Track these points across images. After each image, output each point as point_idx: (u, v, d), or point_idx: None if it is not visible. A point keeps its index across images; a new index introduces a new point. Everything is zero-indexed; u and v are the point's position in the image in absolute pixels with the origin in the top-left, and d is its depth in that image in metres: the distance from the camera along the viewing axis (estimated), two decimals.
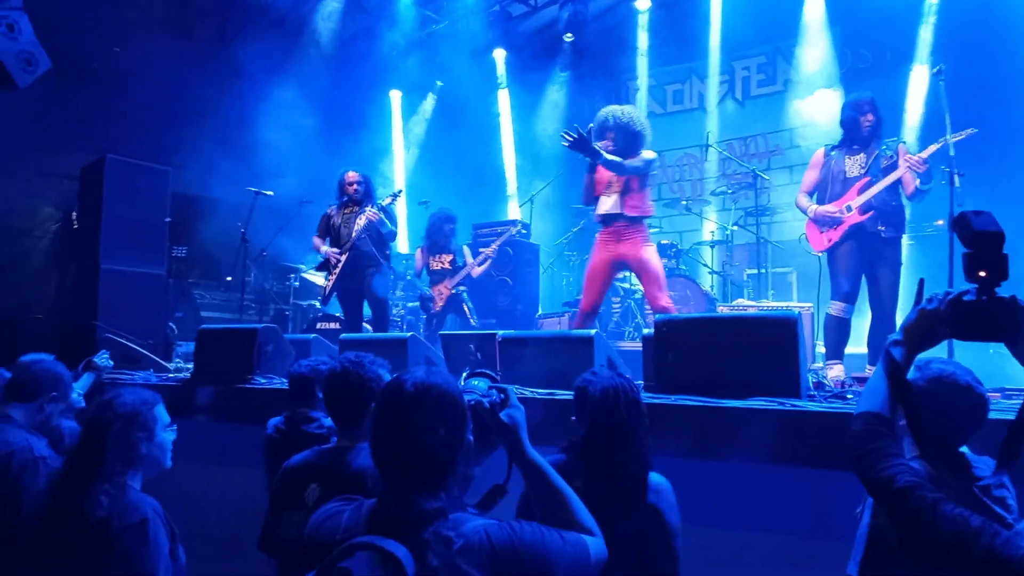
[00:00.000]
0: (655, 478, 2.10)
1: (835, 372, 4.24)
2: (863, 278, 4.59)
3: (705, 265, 8.00)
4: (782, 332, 3.03)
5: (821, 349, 5.56)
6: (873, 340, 4.56)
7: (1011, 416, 2.51)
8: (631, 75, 10.64)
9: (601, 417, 2.02)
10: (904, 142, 4.65)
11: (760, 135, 9.60)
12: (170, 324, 7.31)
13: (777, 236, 8.23)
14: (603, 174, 4.85)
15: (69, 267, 7.66)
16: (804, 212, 4.86)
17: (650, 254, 4.74)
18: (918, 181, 4.38)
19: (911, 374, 2.02)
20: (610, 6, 10.34)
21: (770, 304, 6.37)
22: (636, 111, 4.95)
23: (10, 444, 2.55)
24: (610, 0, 10.20)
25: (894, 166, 4.50)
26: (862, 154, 4.63)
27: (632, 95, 10.69)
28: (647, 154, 4.77)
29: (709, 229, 8.22)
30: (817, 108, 8.49)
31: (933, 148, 4.39)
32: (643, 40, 9.91)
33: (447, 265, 7.23)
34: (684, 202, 8.41)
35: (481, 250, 7.23)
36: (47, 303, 7.95)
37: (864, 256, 4.58)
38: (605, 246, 4.86)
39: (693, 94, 10.26)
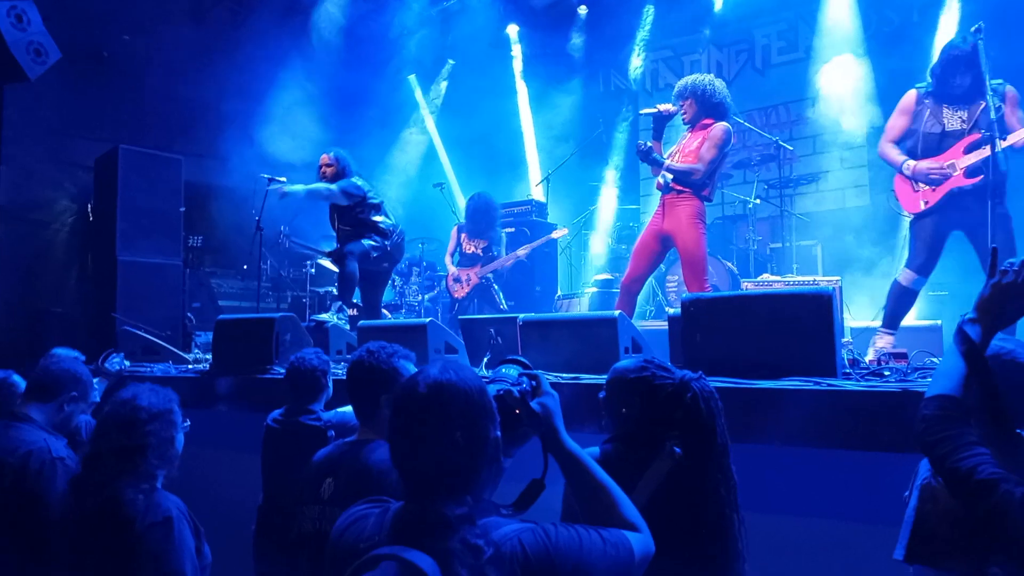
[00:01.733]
0: None
1: (883, 343, 4.03)
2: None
3: (727, 240, 7.83)
4: (816, 309, 2.91)
5: (851, 323, 5.42)
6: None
7: None
8: (646, 45, 10.40)
9: (709, 427, 1.94)
10: (1010, 86, 3.98)
11: (782, 104, 9.36)
12: (188, 314, 7.31)
13: (801, 208, 8.05)
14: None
15: (87, 259, 7.67)
16: (892, 164, 4.33)
17: (692, 233, 4.54)
18: None
19: None
20: None
21: (795, 279, 6.20)
22: (718, 81, 4.76)
23: (28, 444, 2.52)
24: None
25: (1003, 119, 3.89)
26: (965, 110, 4.06)
27: (647, 65, 10.46)
28: (710, 151, 4.54)
29: (730, 202, 8.04)
30: (839, 75, 8.26)
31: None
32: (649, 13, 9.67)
33: (479, 251, 7.13)
34: None
35: (518, 252, 7.12)
36: (68, 296, 7.97)
37: (957, 224, 4.11)
38: (655, 217, 4.78)
39: (711, 64, 10.01)
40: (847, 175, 8.75)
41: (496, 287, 7.12)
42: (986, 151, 3.86)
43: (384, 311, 6.97)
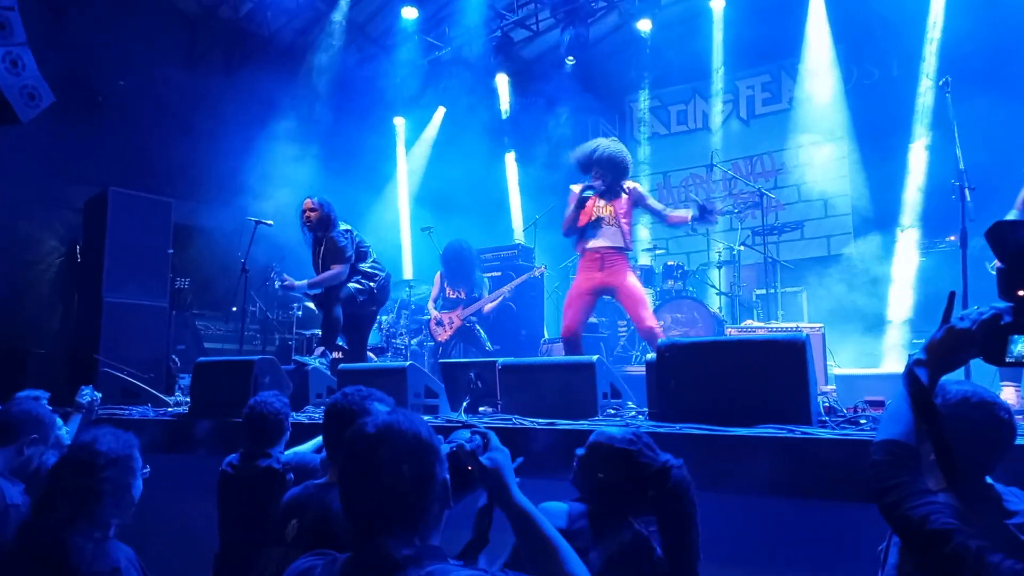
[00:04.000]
0: None
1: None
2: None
3: (713, 286, 7.87)
4: (790, 356, 2.91)
5: (836, 370, 5.42)
6: None
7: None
8: (633, 96, 10.63)
9: (687, 515, 1.96)
10: None
11: (766, 154, 9.52)
12: (172, 356, 7.25)
13: (786, 255, 8.10)
14: (590, 207, 4.95)
15: (73, 299, 7.63)
16: None
17: (633, 279, 4.95)
18: None
19: None
20: (612, 29, 10.36)
21: (780, 325, 6.22)
22: (615, 142, 5.03)
23: None
24: (612, 23, 10.22)
25: None
26: None
27: (635, 116, 10.66)
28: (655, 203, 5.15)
29: (716, 250, 8.10)
30: (821, 131, 8.44)
31: None
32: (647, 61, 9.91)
33: (462, 295, 7.16)
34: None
35: (504, 290, 7.16)
36: (52, 337, 7.91)
37: None
38: (588, 273, 4.96)
39: (697, 114, 10.21)
40: (831, 223, 8.85)
41: (480, 329, 7.11)
42: None
43: (370, 354, 6.93)
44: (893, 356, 6.80)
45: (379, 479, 1.30)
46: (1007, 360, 1.30)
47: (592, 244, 4.93)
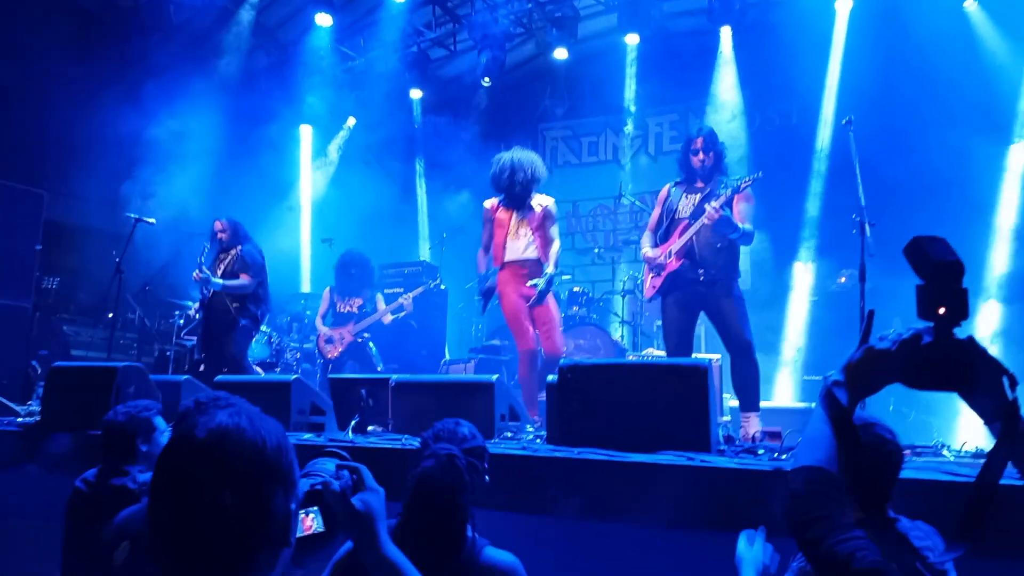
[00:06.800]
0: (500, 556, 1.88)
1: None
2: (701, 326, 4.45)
3: (616, 315, 7.89)
4: (692, 381, 2.85)
5: (731, 402, 5.46)
6: (736, 384, 4.28)
7: (926, 476, 2.38)
8: (547, 124, 10.70)
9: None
10: (747, 179, 4.20)
11: None
12: (33, 362, 6.59)
13: None
14: (503, 218, 4.98)
15: None
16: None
17: (551, 297, 4.90)
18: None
19: None
20: (529, 57, 10.41)
21: None
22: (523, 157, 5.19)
23: None
24: (528, 52, 10.28)
25: (726, 204, 4.15)
26: (699, 194, 4.38)
27: (547, 143, 10.72)
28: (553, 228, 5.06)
29: (621, 279, 8.15)
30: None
31: (726, 196, 4.15)
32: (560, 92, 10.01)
33: (354, 309, 6.86)
34: (596, 250, 8.34)
35: (401, 300, 6.86)
36: None
37: (691, 305, 4.37)
38: (516, 286, 4.88)
39: (607, 146, 10.36)
40: None
41: (372, 347, 6.81)
42: (688, 234, 4.29)
43: (258, 368, 6.51)
44: (785, 391, 6.98)
45: (192, 508, 0.96)
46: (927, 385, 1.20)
47: (514, 256, 4.91)
